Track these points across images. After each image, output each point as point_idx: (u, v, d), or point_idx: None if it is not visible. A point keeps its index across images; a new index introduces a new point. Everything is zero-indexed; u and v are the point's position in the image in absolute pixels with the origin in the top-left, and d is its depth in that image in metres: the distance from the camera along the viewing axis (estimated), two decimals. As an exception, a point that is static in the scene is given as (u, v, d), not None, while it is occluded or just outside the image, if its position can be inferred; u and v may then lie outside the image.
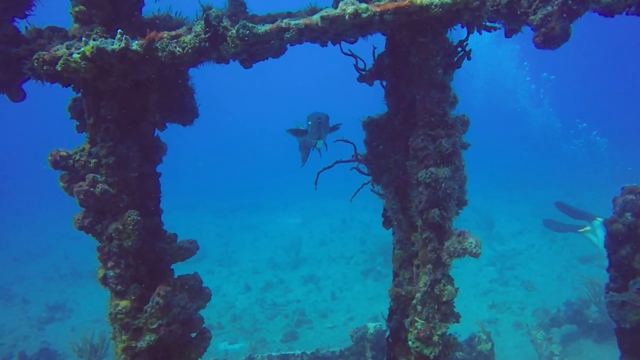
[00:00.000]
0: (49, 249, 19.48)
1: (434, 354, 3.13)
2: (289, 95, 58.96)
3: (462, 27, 3.21)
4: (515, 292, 11.86)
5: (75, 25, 3.15)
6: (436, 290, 3.12)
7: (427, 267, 3.14)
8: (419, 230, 3.20)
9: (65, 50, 2.92)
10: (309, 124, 4.60)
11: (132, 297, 3.25)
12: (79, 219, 3.29)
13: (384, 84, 3.58)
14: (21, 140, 52.45)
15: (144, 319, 3.21)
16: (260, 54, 3.05)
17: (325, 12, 2.84)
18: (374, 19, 2.77)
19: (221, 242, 18.88)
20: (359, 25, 2.88)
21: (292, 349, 7.89)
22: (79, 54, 2.86)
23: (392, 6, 2.74)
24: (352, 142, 3.67)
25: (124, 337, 3.22)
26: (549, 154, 31.19)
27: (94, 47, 2.83)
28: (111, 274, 3.23)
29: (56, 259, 17.93)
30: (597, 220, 9.70)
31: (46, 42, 3.13)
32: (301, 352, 6.89)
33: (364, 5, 2.75)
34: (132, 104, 3.31)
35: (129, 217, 3.21)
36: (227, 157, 47.45)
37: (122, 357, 3.23)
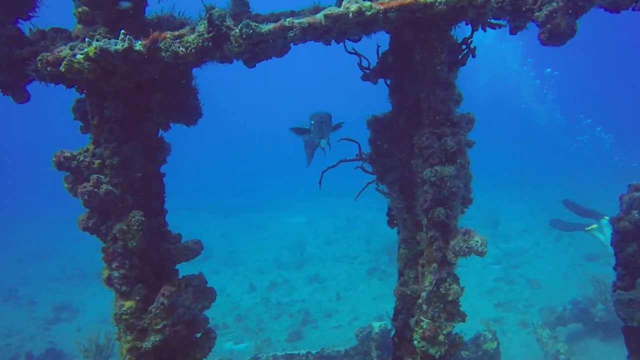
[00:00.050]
0: (55, 250, 19.58)
1: (439, 353, 3.11)
2: (292, 94, 59.03)
3: (466, 25, 3.19)
4: (520, 290, 11.82)
5: (78, 26, 3.15)
6: (442, 289, 3.11)
7: (433, 266, 3.12)
8: (424, 229, 3.19)
9: (68, 51, 2.92)
10: (312, 123, 4.58)
11: (137, 298, 3.24)
12: (83, 220, 3.29)
13: (388, 82, 3.56)
14: (21, 140, 52.74)
15: (149, 320, 3.21)
16: (263, 53, 3.05)
17: (328, 10, 2.82)
18: (378, 16, 2.76)
19: (226, 242, 18.92)
20: (363, 23, 2.86)
21: (297, 348, 7.90)
22: (82, 54, 2.86)
23: (396, 4, 2.72)
24: (356, 141, 3.65)
25: (129, 338, 3.22)
26: (553, 151, 31.06)
27: (97, 48, 2.83)
28: (116, 275, 3.22)
29: (62, 260, 18.02)
30: (605, 218, 9.64)
31: (50, 44, 3.12)
32: (306, 351, 6.89)
33: (367, 3, 2.73)
34: (136, 104, 3.31)
35: (133, 217, 3.21)
36: (231, 157, 47.56)
37: (128, 357, 3.22)
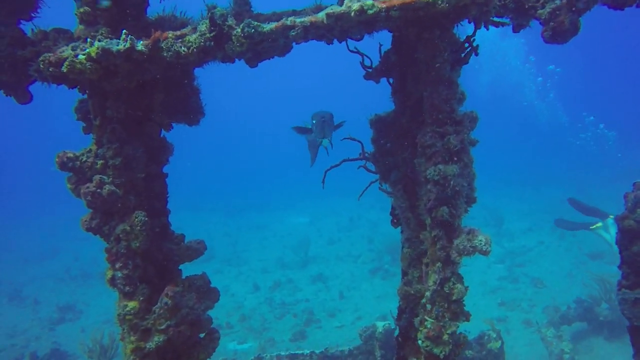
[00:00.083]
0: (59, 250, 19.63)
1: (444, 353, 3.10)
2: (293, 94, 58.98)
3: (469, 23, 3.18)
4: (524, 289, 11.78)
5: (80, 26, 3.14)
6: (446, 288, 3.09)
7: (437, 265, 3.11)
8: (428, 228, 3.17)
9: (70, 51, 2.92)
10: (314, 122, 4.57)
11: (141, 298, 3.24)
12: (86, 220, 3.29)
13: (391, 81, 3.55)
14: (21, 140, 52.90)
15: (153, 320, 3.21)
16: (265, 53, 3.04)
17: (330, 9, 2.81)
18: (380, 15, 2.75)
19: (229, 242, 18.92)
20: (365, 22, 2.85)
21: (301, 348, 7.89)
22: (84, 55, 2.85)
23: (398, 2, 2.71)
24: (359, 140, 3.65)
25: (132, 338, 3.22)
26: (556, 149, 30.95)
27: (99, 48, 2.83)
28: (119, 275, 3.22)
29: (66, 260, 18.07)
30: (611, 217, 9.62)
31: (52, 44, 3.12)
32: (310, 351, 6.89)
33: (369, 1, 2.72)
34: (138, 104, 3.31)
35: (136, 218, 3.21)
36: (233, 157, 47.57)
37: (131, 358, 3.22)
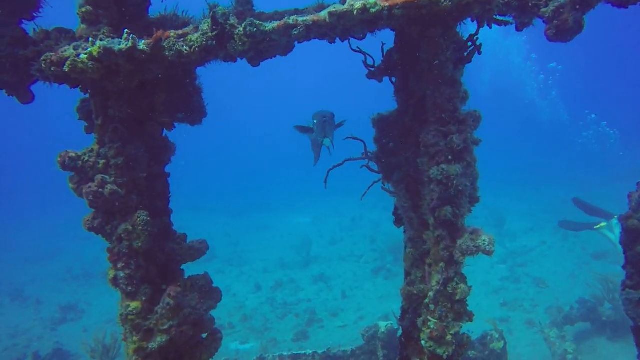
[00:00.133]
0: (60, 250, 19.65)
1: (447, 353, 3.09)
2: (295, 93, 58.99)
3: (472, 21, 3.16)
4: (527, 289, 11.75)
5: (82, 26, 3.14)
6: (449, 288, 3.08)
7: (440, 265, 3.10)
8: (431, 228, 3.16)
9: (72, 51, 2.91)
10: (315, 122, 4.56)
11: (143, 298, 3.24)
12: (88, 220, 3.28)
13: (394, 80, 3.53)
14: (21, 140, 53.00)
15: (155, 320, 3.20)
16: (268, 52, 3.03)
17: (333, 8, 2.80)
18: (383, 14, 2.73)
19: (231, 242, 18.93)
20: (368, 20, 2.84)
21: (303, 348, 7.89)
22: (86, 54, 2.85)
23: (401, 1, 2.70)
24: (362, 140, 3.63)
25: (135, 338, 3.21)
26: (558, 148, 30.87)
27: (101, 48, 2.82)
28: (121, 275, 3.22)
29: (68, 260, 18.08)
30: (615, 218, 9.59)
31: (54, 44, 3.12)
32: (312, 351, 6.88)
33: (372, 0, 2.71)
34: (140, 104, 3.30)
35: (138, 217, 3.20)
36: (235, 156, 47.57)
37: (134, 358, 3.22)
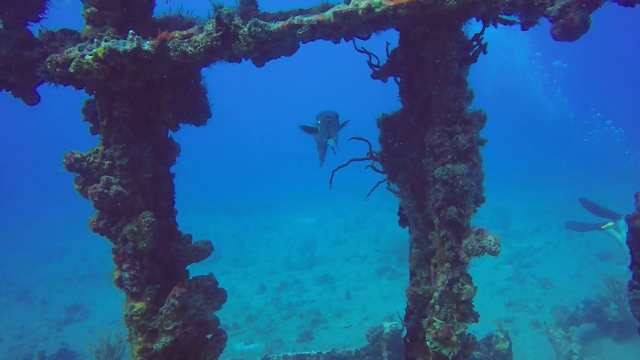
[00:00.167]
0: (66, 251, 19.72)
1: (452, 354, 3.07)
2: (299, 94, 59.01)
3: (477, 21, 3.15)
4: (532, 290, 11.69)
5: (87, 27, 3.15)
6: (454, 289, 3.07)
7: (445, 265, 3.08)
8: (436, 228, 3.15)
9: (77, 52, 2.92)
10: (319, 122, 4.56)
11: (148, 299, 3.24)
12: (93, 221, 3.29)
13: (398, 80, 3.53)
14: (21, 140, 53.22)
15: (160, 321, 3.20)
16: (272, 52, 3.03)
17: (337, 7, 2.80)
18: (388, 13, 2.72)
19: (236, 243, 18.93)
20: (373, 20, 2.83)
21: (308, 349, 7.86)
22: (91, 55, 2.85)
23: (406, 0, 2.69)
24: (366, 140, 3.62)
25: (139, 339, 3.22)
26: (563, 148, 30.71)
27: (106, 48, 2.83)
28: (126, 276, 3.22)
29: (73, 261, 18.15)
30: (622, 218, 9.55)
31: (59, 45, 3.13)
32: (317, 352, 6.86)
33: (377, 0, 2.70)
34: (145, 104, 3.30)
35: (143, 218, 3.20)
36: (239, 157, 47.60)
37: (139, 358, 3.22)
